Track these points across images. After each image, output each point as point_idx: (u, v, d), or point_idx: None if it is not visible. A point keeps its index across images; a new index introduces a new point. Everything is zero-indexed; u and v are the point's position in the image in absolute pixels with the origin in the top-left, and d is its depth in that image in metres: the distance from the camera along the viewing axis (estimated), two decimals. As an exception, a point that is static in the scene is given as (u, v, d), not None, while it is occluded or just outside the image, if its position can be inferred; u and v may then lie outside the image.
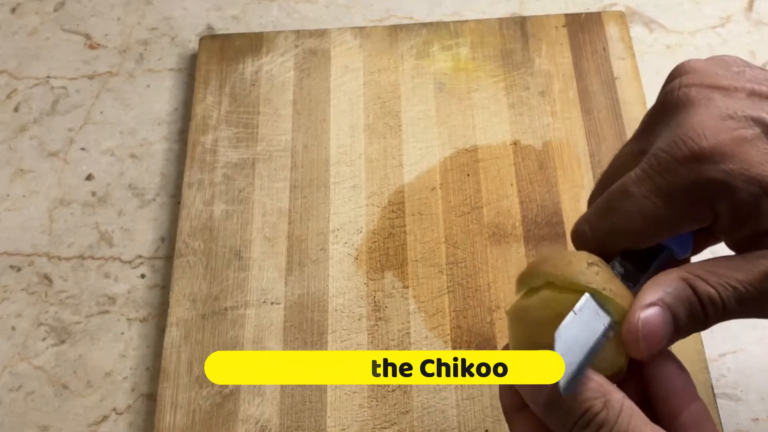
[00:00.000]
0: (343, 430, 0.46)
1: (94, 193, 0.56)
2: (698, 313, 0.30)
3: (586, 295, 0.30)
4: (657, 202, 0.31)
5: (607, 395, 0.29)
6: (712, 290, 0.30)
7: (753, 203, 0.30)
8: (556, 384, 0.28)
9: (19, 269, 0.54)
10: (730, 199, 0.30)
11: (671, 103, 0.32)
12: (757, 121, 0.30)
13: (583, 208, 0.52)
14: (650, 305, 0.30)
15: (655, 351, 0.30)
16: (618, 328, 0.30)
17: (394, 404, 0.47)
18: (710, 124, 0.30)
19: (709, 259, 0.31)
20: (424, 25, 0.60)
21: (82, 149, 0.58)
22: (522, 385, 0.31)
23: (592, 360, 0.29)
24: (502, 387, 0.33)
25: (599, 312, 0.30)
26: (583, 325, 0.29)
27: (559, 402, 0.29)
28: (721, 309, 0.30)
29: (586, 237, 0.33)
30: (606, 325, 0.30)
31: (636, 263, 0.33)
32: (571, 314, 0.29)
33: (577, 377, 0.28)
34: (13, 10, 0.65)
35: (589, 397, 0.29)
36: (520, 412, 0.32)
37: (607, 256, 0.32)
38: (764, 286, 0.29)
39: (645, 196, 0.31)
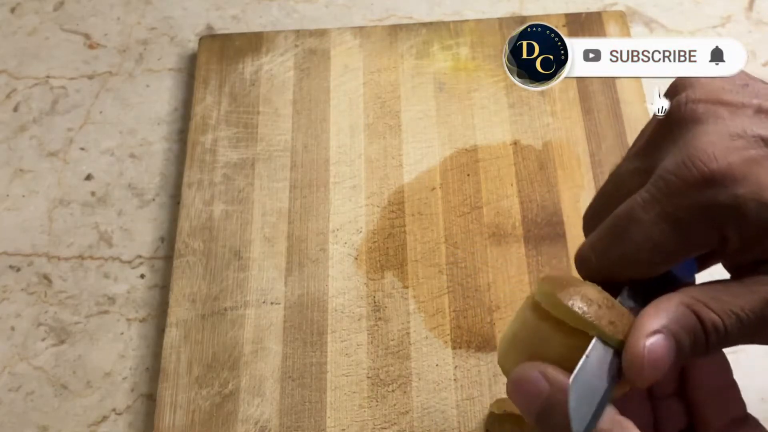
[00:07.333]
0: (342, 430, 0.46)
1: (93, 193, 0.56)
2: (701, 340, 0.30)
3: (595, 339, 0.29)
4: (666, 229, 0.30)
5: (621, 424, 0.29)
6: (716, 318, 0.29)
7: (763, 228, 0.29)
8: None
9: (18, 269, 0.54)
10: (741, 224, 0.29)
11: (677, 119, 0.31)
12: (766, 141, 0.30)
13: (583, 208, 0.52)
14: (654, 333, 0.29)
15: (658, 379, 0.29)
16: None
17: (394, 404, 0.47)
18: (720, 144, 0.30)
19: (708, 283, 0.30)
20: (424, 24, 0.60)
21: (82, 149, 0.58)
22: (516, 396, 0.30)
23: (606, 404, 0.29)
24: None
25: (608, 351, 0.29)
26: (595, 369, 0.29)
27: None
28: (724, 336, 0.29)
29: (591, 266, 0.33)
30: (618, 366, 0.29)
31: (644, 292, 0.32)
32: (583, 358, 0.29)
33: (591, 426, 0.28)
34: (13, 9, 0.65)
35: (602, 428, 0.29)
36: None
37: (613, 286, 0.31)
38: (764, 312, 0.29)
39: (654, 222, 0.30)
